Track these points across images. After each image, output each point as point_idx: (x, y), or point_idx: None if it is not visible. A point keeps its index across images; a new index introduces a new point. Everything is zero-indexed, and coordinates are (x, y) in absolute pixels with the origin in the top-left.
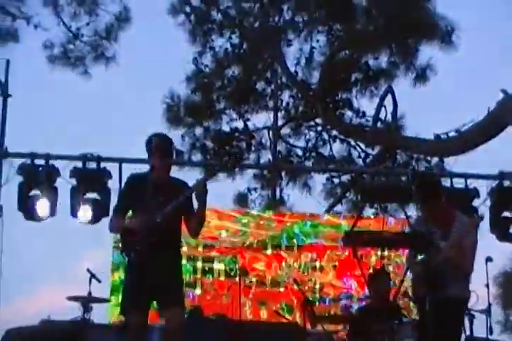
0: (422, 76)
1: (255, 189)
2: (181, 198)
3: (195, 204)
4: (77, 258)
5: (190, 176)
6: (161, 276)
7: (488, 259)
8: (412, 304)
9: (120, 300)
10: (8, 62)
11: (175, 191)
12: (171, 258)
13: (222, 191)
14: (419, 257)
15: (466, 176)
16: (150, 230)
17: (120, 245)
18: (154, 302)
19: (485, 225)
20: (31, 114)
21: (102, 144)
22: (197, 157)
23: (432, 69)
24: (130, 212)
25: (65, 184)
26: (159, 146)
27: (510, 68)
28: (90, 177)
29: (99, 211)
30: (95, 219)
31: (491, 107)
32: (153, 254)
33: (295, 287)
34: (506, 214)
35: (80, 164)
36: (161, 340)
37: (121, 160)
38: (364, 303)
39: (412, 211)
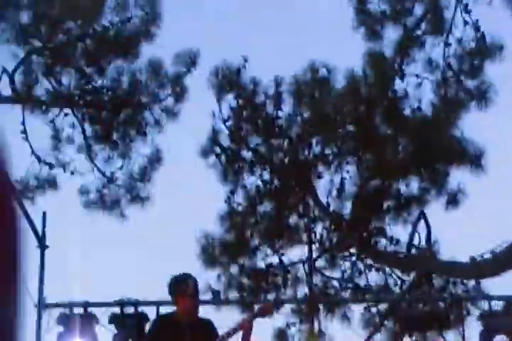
0: (453, 200)
1: (294, 323)
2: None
3: None
4: None
5: (227, 315)
6: None
7: None
8: None
9: None
10: (44, 214)
11: (203, 331)
12: None
13: (260, 327)
14: None
15: (504, 298)
16: None
17: None
18: None
19: None
20: (68, 262)
21: (139, 288)
22: (233, 295)
23: (463, 192)
24: None
25: (105, 331)
26: (185, 285)
27: None
28: (129, 323)
29: None
30: None
31: None
32: None
33: None
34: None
35: (117, 309)
36: None
37: (158, 303)
38: None
39: (452, 336)
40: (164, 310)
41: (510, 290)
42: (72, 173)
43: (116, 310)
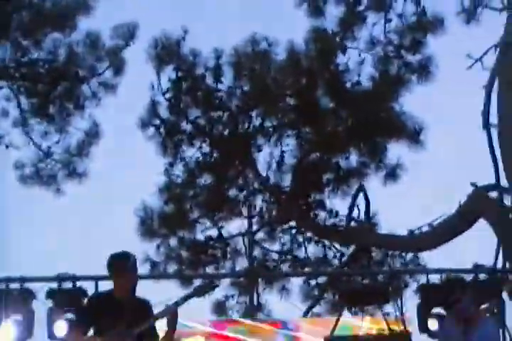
0: (392, 174)
1: (232, 296)
2: (149, 322)
3: (164, 327)
4: None
5: (166, 287)
6: None
7: None
8: None
9: None
10: None
11: (140, 312)
12: None
13: (198, 299)
14: None
15: (441, 271)
16: None
17: None
18: None
19: None
20: (4, 237)
21: (77, 264)
22: (172, 267)
23: (402, 167)
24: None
25: (42, 306)
26: (122, 266)
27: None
28: (66, 297)
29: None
30: (71, 339)
31: (462, 200)
32: None
33: None
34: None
35: (55, 285)
36: None
37: (97, 279)
38: None
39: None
40: (103, 285)
41: (448, 263)
42: (7, 147)
43: (54, 285)
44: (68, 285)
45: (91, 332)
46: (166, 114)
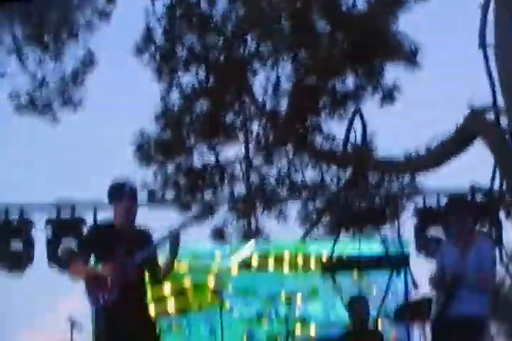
0: (389, 96)
1: (231, 221)
2: (151, 249)
3: (166, 253)
4: (58, 306)
5: (164, 214)
6: (134, 325)
7: None
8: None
9: None
10: None
11: (140, 241)
12: (141, 307)
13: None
14: None
15: (438, 192)
16: (119, 279)
17: (85, 291)
18: None
19: None
20: (2, 166)
21: (76, 192)
22: (170, 194)
23: (399, 89)
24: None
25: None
26: (122, 194)
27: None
28: (65, 226)
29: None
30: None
31: (459, 122)
32: (123, 301)
33: None
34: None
35: (54, 213)
36: None
37: (95, 207)
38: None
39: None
40: (102, 213)
41: (444, 185)
42: (2, 76)
43: (53, 213)
44: (67, 213)
45: (91, 262)
46: (161, 41)
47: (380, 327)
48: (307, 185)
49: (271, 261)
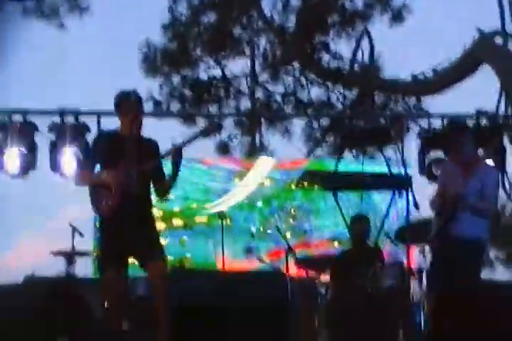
0: (397, 16)
1: (236, 136)
2: (156, 160)
3: (169, 167)
4: (58, 213)
5: (169, 126)
6: (137, 231)
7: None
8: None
9: (96, 258)
10: None
11: (146, 150)
12: (145, 213)
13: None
14: None
15: (443, 116)
16: (125, 185)
17: (90, 198)
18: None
19: None
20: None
21: (80, 99)
22: (175, 106)
23: (407, 9)
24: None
25: (44, 139)
26: (129, 104)
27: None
28: (69, 132)
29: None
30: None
31: (467, 45)
32: (128, 208)
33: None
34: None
35: (58, 119)
36: (147, 290)
37: (99, 114)
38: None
39: (391, 153)
40: (105, 121)
41: (450, 109)
42: None
43: (56, 119)
44: (70, 119)
45: (97, 168)
46: None
47: (380, 246)
48: (313, 103)
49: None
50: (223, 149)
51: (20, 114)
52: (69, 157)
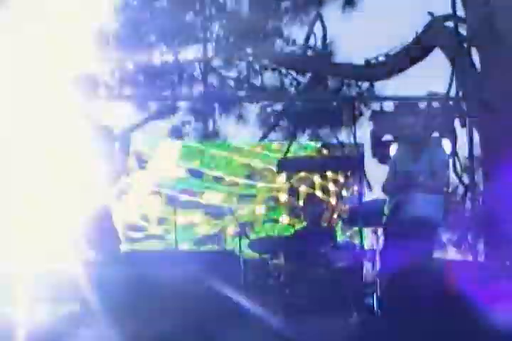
0: (350, 1)
1: (189, 122)
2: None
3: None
4: None
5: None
6: None
7: None
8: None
9: None
10: None
11: None
12: None
13: (156, 124)
14: None
15: (395, 99)
16: None
17: None
18: None
19: None
20: None
21: None
22: (128, 91)
23: None
24: None
25: None
26: None
27: None
28: None
29: None
30: None
31: (419, 30)
32: None
33: None
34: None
35: None
36: None
37: None
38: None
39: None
40: None
41: (402, 93)
42: None
43: None
44: None
45: None
46: None
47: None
48: (266, 88)
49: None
50: (176, 134)
51: None
52: None
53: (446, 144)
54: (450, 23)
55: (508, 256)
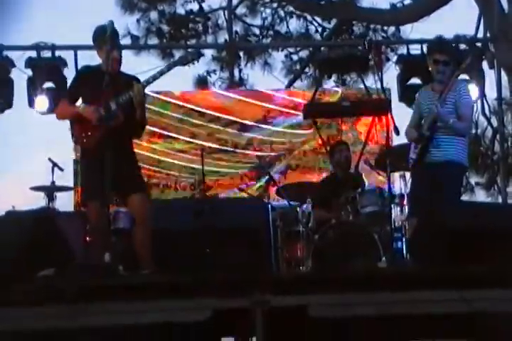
0: None
1: (214, 71)
2: (129, 92)
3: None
4: (37, 150)
5: (147, 61)
6: (118, 165)
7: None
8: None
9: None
10: None
11: (126, 84)
12: (125, 147)
13: (181, 74)
14: None
15: (422, 42)
16: (106, 115)
17: (70, 130)
18: None
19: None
20: None
21: (55, 31)
22: (153, 41)
23: None
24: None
25: (21, 74)
26: (110, 37)
27: None
28: (46, 67)
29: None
30: (52, 108)
31: None
32: (108, 141)
33: None
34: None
35: (34, 54)
36: (130, 224)
37: (75, 48)
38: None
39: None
40: (82, 55)
41: (428, 36)
42: None
43: (33, 53)
44: (47, 54)
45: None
46: None
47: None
48: (292, 35)
49: None
50: (201, 84)
51: None
52: (46, 93)
53: (474, 86)
54: None
55: None
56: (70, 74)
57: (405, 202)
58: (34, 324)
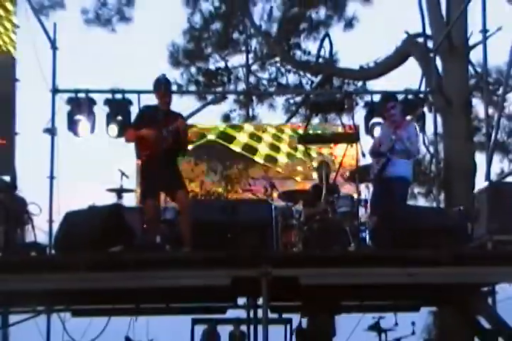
0: (349, 24)
1: (235, 110)
2: (176, 124)
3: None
4: (111, 164)
5: (188, 102)
6: (167, 173)
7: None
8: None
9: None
10: (55, 24)
11: (174, 118)
12: (172, 160)
13: (210, 112)
14: None
15: (381, 92)
16: (160, 138)
17: (135, 149)
18: None
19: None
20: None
21: (125, 80)
22: (192, 88)
23: (356, 19)
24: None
25: (101, 110)
26: (164, 85)
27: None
28: (117, 105)
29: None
30: (120, 134)
31: (398, 43)
32: (161, 158)
33: None
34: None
35: (110, 96)
36: (174, 216)
37: (139, 92)
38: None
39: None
40: (144, 97)
41: (386, 88)
42: None
43: (109, 95)
44: (119, 96)
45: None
46: None
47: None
48: (289, 86)
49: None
50: (226, 119)
51: (83, 92)
52: (117, 123)
53: (418, 125)
54: (421, 39)
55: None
56: (134, 110)
57: (368, 205)
58: (105, 284)
